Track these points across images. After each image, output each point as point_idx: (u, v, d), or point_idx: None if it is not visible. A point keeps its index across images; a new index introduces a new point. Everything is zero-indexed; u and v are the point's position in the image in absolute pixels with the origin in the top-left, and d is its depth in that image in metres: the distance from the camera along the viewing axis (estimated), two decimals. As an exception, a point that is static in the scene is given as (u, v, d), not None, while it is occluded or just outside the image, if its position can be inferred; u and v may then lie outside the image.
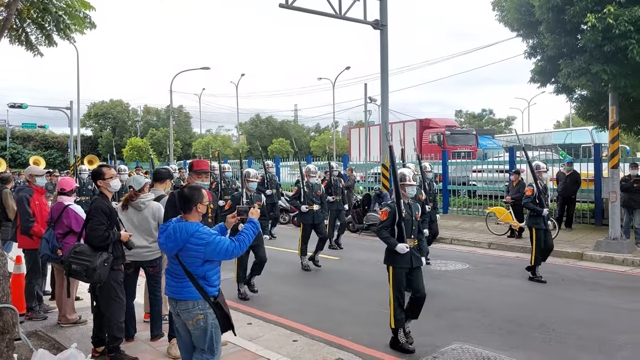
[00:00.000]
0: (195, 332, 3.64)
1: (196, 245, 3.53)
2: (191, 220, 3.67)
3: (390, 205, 5.37)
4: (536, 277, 8.21)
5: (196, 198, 3.69)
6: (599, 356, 5.11)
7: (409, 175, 5.49)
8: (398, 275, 5.28)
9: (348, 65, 48.34)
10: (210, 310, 3.62)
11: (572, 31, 10.57)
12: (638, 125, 13.25)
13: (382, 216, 5.37)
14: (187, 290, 3.58)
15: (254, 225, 3.78)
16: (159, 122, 58.62)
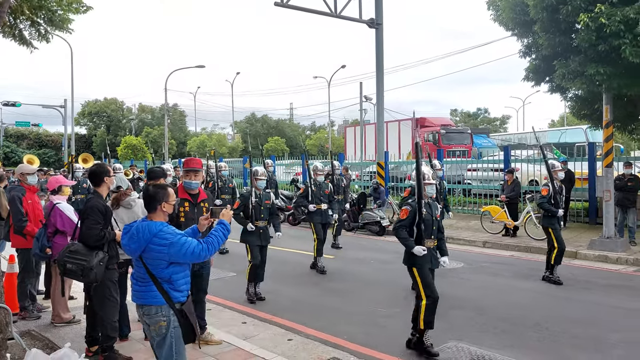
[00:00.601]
0: (157, 339, 3.48)
1: (159, 246, 3.37)
2: (156, 220, 3.52)
3: (411, 204, 5.19)
4: (554, 277, 7.95)
5: (160, 197, 3.55)
6: (593, 355, 5.13)
7: (428, 174, 5.27)
8: (425, 273, 5.10)
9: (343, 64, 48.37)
10: (174, 317, 3.45)
11: (567, 31, 10.61)
12: (632, 124, 13.30)
13: (402, 214, 5.19)
14: (151, 294, 3.42)
15: (224, 227, 3.61)
16: (153, 121, 58.44)
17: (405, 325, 6.01)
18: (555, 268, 8.03)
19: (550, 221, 8.02)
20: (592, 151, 13.37)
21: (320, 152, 48.59)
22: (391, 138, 28.31)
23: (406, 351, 5.21)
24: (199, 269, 5.14)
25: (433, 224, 5.19)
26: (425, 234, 5.09)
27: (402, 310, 6.64)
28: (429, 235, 5.15)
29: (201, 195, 5.18)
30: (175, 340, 3.46)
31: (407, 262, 5.22)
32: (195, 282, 5.19)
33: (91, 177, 5.00)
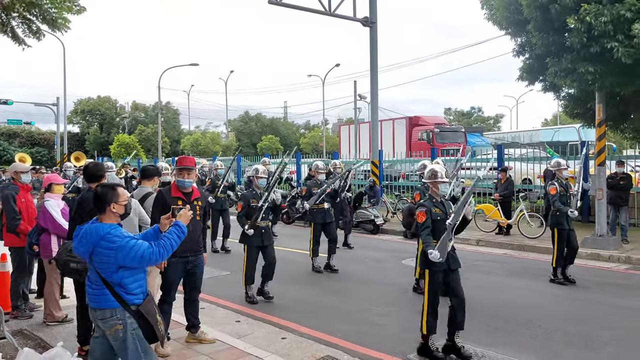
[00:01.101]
0: (115, 343, 3.40)
1: (106, 250, 3.27)
2: (106, 221, 3.41)
3: (425, 204, 5.03)
4: (557, 279, 7.86)
5: (109, 197, 3.43)
6: (585, 352, 5.16)
7: (440, 172, 5.08)
8: (435, 278, 4.92)
9: (338, 63, 48.42)
10: (131, 319, 3.37)
11: (560, 30, 10.66)
12: (624, 123, 13.40)
13: (420, 218, 4.98)
14: (105, 298, 3.34)
15: (179, 229, 3.49)
16: (147, 119, 58.17)
17: (400, 323, 6.04)
18: (558, 270, 7.87)
19: (558, 220, 7.82)
20: (585, 149, 13.42)
21: (314, 150, 48.54)
22: (385, 137, 28.34)
23: (400, 349, 5.21)
24: (192, 267, 5.12)
25: None
26: (440, 233, 4.89)
27: (396, 309, 6.66)
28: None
29: (194, 193, 5.16)
30: (139, 341, 3.38)
31: (422, 265, 5.06)
32: (189, 281, 5.19)
33: (87, 176, 4.99)
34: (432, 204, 5.03)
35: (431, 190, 5.13)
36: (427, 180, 5.12)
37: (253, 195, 6.96)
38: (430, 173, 5.11)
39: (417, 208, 5.05)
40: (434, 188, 5.08)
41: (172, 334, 5.26)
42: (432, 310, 4.94)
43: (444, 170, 5.17)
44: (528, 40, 11.84)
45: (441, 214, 4.97)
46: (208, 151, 48.14)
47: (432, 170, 5.14)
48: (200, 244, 5.16)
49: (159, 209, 4.99)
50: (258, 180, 7.06)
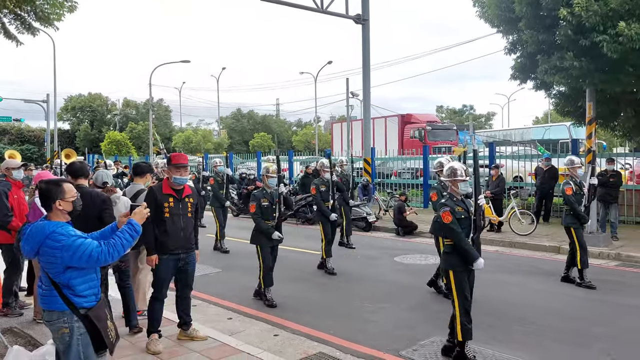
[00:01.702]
0: (60, 347, 3.23)
1: (52, 249, 3.09)
2: (54, 219, 3.23)
3: (447, 203, 4.82)
4: (585, 282, 7.45)
5: (54, 194, 3.22)
6: (576, 349, 5.19)
7: (460, 170, 4.92)
8: (461, 280, 4.77)
9: (330, 60, 48.45)
10: (79, 323, 3.18)
11: (551, 27, 10.72)
12: (614, 121, 13.50)
13: (446, 218, 4.72)
14: (53, 300, 3.17)
15: (132, 228, 3.30)
16: (138, 116, 57.87)
17: (392, 320, 6.05)
18: (584, 272, 7.48)
19: (573, 220, 7.58)
20: (576, 147, 13.53)
21: (306, 148, 48.52)
22: (377, 134, 28.38)
23: (393, 346, 5.22)
24: (183, 264, 5.10)
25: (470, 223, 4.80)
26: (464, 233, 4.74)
27: (389, 305, 6.68)
28: (467, 235, 4.79)
29: (186, 190, 5.13)
30: (83, 348, 3.19)
31: (444, 265, 4.93)
32: (181, 278, 5.17)
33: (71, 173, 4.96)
34: (454, 203, 4.84)
35: (450, 188, 4.95)
36: (447, 179, 4.98)
37: (264, 195, 6.76)
38: (449, 171, 4.96)
39: (440, 208, 4.86)
40: (454, 186, 4.90)
41: (164, 331, 5.23)
42: (465, 312, 4.74)
43: (464, 168, 5.01)
44: (519, 38, 11.90)
45: (464, 212, 4.79)
46: (200, 148, 47.94)
47: (452, 168, 4.98)
48: (192, 241, 5.13)
49: (151, 206, 4.95)
50: (268, 179, 6.85)
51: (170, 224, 4.96)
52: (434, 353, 5.03)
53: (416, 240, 11.94)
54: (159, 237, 4.95)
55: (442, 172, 7.12)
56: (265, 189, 6.85)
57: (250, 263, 9.35)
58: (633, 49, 9.20)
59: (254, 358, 4.77)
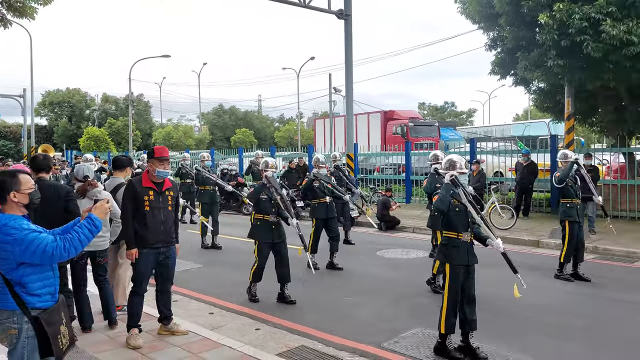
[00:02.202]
0: (9, 348, 3.04)
1: (3, 243, 2.91)
2: (7, 212, 3.04)
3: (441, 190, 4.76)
4: (563, 275, 7.56)
5: (9, 185, 3.04)
6: (559, 341, 5.26)
7: (459, 162, 4.82)
8: (456, 274, 4.70)
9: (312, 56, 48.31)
10: (28, 325, 2.98)
11: (531, 24, 10.85)
12: (593, 117, 13.73)
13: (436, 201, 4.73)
14: (4, 297, 2.99)
15: (91, 222, 3.13)
16: (117, 111, 57.06)
17: (374, 313, 6.07)
18: (565, 266, 7.57)
19: (569, 212, 7.48)
20: (555, 143, 13.72)
21: (289, 144, 48.42)
22: (360, 130, 28.45)
23: (373, 338, 5.23)
24: (164, 258, 5.04)
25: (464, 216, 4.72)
26: (460, 226, 4.69)
27: (370, 299, 6.70)
28: (466, 228, 4.73)
29: (166, 183, 5.07)
30: (28, 352, 2.99)
31: (441, 258, 4.86)
32: (161, 272, 5.10)
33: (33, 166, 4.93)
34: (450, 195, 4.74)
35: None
36: (446, 171, 4.84)
37: (262, 189, 6.57)
38: (448, 163, 4.85)
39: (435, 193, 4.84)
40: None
41: (144, 326, 5.16)
42: (452, 307, 4.70)
43: (463, 161, 4.91)
44: (500, 35, 12.03)
45: (460, 205, 4.69)
46: (181, 144, 47.54)
47: (451, 160, 4.87)
48: (172, 234, 5.08)
49: (130, 199, 4.91)
50: (267, 173, 6.61)
51: (151, 217, 4.90)
52: (415, 344, 5.06)
53: (398, 235, 12.00)
54: (138, 231, 4.88)
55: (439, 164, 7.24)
56: (265, 182, 6.60)
57: (232, 259, 9.33)
58: (615, 47, 9.37)
59: (235, 352, 4.74)
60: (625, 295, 6.78)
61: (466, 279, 4.78)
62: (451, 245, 4.74)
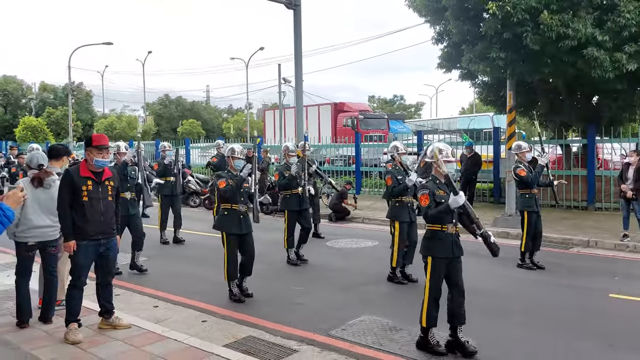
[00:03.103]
0: None
1: None
2: None
3: (427, 186, 4.54)
4: (525, 264, 7.70)
5: None
6: (496, 321, 5.46)
7: (446, 150, 4.64)
8: (438, 267, 4.56)
9: (262, 46, 47.69)
10: None
11: (475, 18, 11.14)
12: (533, 110, 14.29)
13: (423, 201, 4.49)
14: None
15: (1, 213, 2.96)
16: (57, 101, 54.42)
17: (323, 302, 6.09)
18: (527, 255, 7.69)
19: (528, 203, 7.61)
20: (497, 135, 14.20)
21: (238, 135, 47.80)
22: (311, 122, 28.44)
23: (322, 326, 5.24)
24: (104, 250, 4.84)
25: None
26: (446, 218, 4.50)
27: (319, 288, 6.72)
28: (450, 219, 4.54)
29: (105, 173, 4.86)
30: None
31: (424, 251, 4.67)
32: (101, 265, 4.91)
33: None
34: (436, 186, 4.55)
35: (435, 170, 4.62)
36: (432, 160, 4.65)
37: (230, 177, 6.15)
38: (434, 151, 4.63)
39: (420, 190, 4.55)
40: (438, 167, 4.57)
41: (84, 320, 4.95)
42: (434, 300, 4.57)
43: (450, 149, 4.72)
44: (446, 28, 12.27)
45: (445, 197, 4.46)
46: (125, 135, 45.95)
47: (437, 148, 4.65)
48: (112, 225, 4.88)
49: (66, 189, 4.68)
50: (234, 161, 6.29)
51: (89, 208, 4.69)
52: (362, 331, 5.11)
53: (348, 225, 12.10)
54: (77, 222, 4.66)
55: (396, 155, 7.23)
56: (231, 171, 6.28)
57: (178, 251, 9.13)
58: (552, 39, 9.75)
59: (180, 344, 4.62)
60: (565, 280, 7.11)
61: (452, 272, 4.63)
62: (436, 238, 4.57)
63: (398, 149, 7.34)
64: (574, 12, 9.90)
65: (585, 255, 8.76)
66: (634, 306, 6.00)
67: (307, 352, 4.58)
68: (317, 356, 4.48)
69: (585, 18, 9.80)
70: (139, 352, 4.47)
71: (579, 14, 9.89)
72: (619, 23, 9.78)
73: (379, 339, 4.91)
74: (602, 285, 6.75)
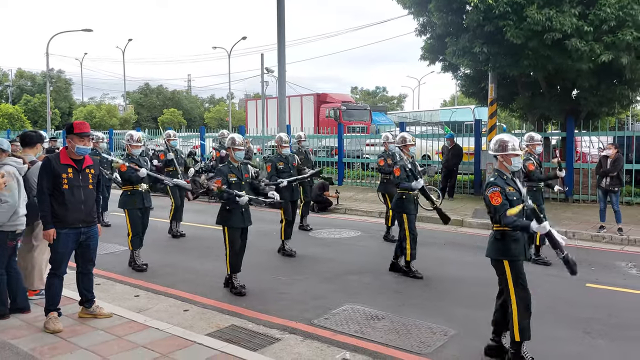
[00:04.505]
0: None
1: None
2: None
3: (497, 182, 4.04)
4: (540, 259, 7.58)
5: None
6: (473, 309, 5.53)
7: (512, 143, 4.15)
8: (518, 270, 4.08)
9: (244, 35, 47.20)
10: None
11: (458, 11, 11.19)
12: (513, 103, 14.46)
13: (495, 200, 3.98)
14: None
15: None
16: (34, 88, 53.29)
17: (305, 291, 6.12)
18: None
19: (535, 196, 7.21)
20: (478, 128, 14.34)
21: (219, 125, 47.43)
22: (293, 112, 28.36)
23: (305, 315, 5.26)
24: (85, 239, 4.78)
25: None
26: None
27: (302, 277, 6.74)
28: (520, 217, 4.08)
29: (86, 161, 4.79)
30: None
31: (495, 254, 4.16)
32: (82, 253, 4.85)
33: None
34: (504, 182, 4.09)
35: (499, 164, 4.16)
36: (496, 153, 4.19)
37: (230, 170, 5.99)
38: (497, 144, 4.18)
39: (489, 188, 4.05)
40: (505, 162, 4.13)
41: (64, 310, 4.89)
42: (525, 308, 4.05)
43: (517, 141, 4.20)
44: (429, 20, 12.31)
45: (516, 194, 4.07)
46: (104, 124, 45.27)
47: (501, 140, 4.18)
48: (93, 214, 4.83)
49: (46, 177, 4.60)
50: (235, 152, 6.06)
51: (70, 196, 4.63)
52: (345, 320, 5.14)
53: (330, 215, 12.13)
54: (57, 211, 4.60)
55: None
56: (232, 163, 6.09)
57: (161, 241, 9.06)
58: (536, 33, 9.85)
59: (162, 333, 4.60)
60: (543, 270, 7.23)
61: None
62: (510, 240, 4.08)
63: (406, 141, 7.04)
64: (558, 6, 10.01)
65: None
66: (610, 295, 6.16)
67: (290, 340, 4.60)
68: (299, 344, 4.51)
69: (569, 12, 9.92)
70: (121, 341, 4.44)
71: (562, 8, 10.00)
72: (599, 16, 9.92)
73: (362, 327, 4.96)
74: (580, 274, 6.83)
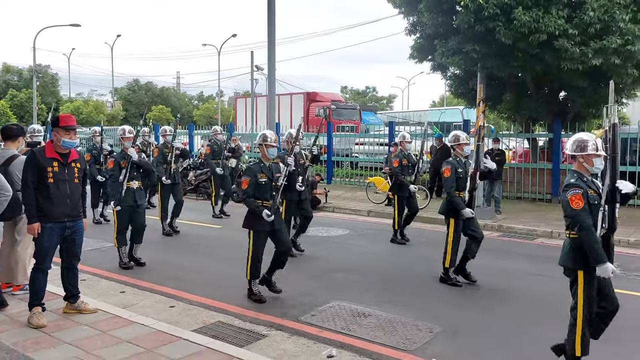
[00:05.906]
0: None
1: None
2: None
3: (578, 184, 3.78)
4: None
5: None
6: (458, 307, 5.58)
7: (593, 143, 3.84)
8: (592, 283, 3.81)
9: (234, 33, 47.08)
10: None
11: (448, 11, 11.24)
12: (501, 104, 14.58)
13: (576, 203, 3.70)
14: None
15: None
16: (21, 83, 52.63)
17: (292, 288, 6.12)
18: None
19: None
20: (467, 128, 14.42)
21: (208, 123, 47.22)
22: (283, 111, 28.29)
23: (292, 312, 5.26)
24: (70, 233, 4.74)
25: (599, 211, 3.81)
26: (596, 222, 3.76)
27: (290, 275, 6.71)
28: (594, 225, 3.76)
29: (72, 154, 4.75)
30: None
31: (571, 264, 3.87)
32: (67, 248, 4.80)
33: None
34: (585, 184, 3.81)
35: (579, 165, 3.89)
36: (575, 153, 3.89)
37: (261, 169, 5.63)
38: (576, 144, 3.89)
39: (570, 189, 3.78)
40: (586, 163, 3.84)
41: (49, 305, 4.85)
42: (588, 321, 3.81)
43: (599, 141, 3.88)
44: (419, 20, 12.35)
45: (596, 197, 3.78)
46: (91, 120, 44.84)
47: (580, 139, 3.90)
48: (79, 208, 4.79)
49: (31, 170, 4.55)
50: (267, 149, 5.66)
51: (55, 190, 4.58)
52: (332, 317, 5.15)
53: (319, 214, 12.11)
54: (42, 204, 4.55)
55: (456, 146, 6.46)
56: (263, 161, 5.72)
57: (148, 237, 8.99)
58: (524, 34, 9.94)
59: (148, 328, 4.57)
60: (530, 269, 7.32)
61: (602, 281, 3.83)
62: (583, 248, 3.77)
63: (459, 139, 6.43)
64: (546, 9, 10.10)
65: (548, 246, 9.02)
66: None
67: (277, 337, 4.60)
68: (286, 341, 4.51)
69: (556, 14, 10.03)
70: (105, 336, 4.40)
71: (550, 10, 10.10)
72: (585, 21, 10.03)
73: (348, 324, 4.97)
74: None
